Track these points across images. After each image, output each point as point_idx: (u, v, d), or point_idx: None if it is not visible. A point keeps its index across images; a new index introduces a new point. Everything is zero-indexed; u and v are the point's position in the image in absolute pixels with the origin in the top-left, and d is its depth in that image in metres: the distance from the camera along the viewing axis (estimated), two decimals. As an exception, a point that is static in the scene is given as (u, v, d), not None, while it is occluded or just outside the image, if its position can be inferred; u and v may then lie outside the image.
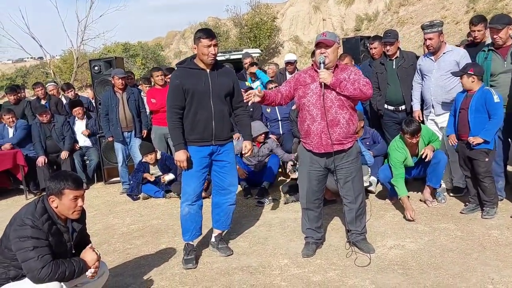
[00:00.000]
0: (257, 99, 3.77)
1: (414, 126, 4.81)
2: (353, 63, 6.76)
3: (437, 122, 5.27)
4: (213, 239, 4.36)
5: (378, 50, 6.31)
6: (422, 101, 5.44)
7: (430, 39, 5.06)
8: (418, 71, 5.36)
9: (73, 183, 2.93)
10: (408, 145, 4.97)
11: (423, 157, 4.93)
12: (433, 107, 5.23)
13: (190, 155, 4.03)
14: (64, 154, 7.42)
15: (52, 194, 2.91)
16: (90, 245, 3.14)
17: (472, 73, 4.54)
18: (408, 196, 4.87)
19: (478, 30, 5.31)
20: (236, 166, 4.37)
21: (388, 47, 5.60)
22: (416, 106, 5.45)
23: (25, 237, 2.73)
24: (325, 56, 3.69)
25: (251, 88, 7.12)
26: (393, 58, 5.65)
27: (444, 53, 5.11)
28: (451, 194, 5.31)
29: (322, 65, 3.68)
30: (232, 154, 4.27)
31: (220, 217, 4.30)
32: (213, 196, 4.37)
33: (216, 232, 4.36)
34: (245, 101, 3.90)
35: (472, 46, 5.50)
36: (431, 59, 5.17)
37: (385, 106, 5.77)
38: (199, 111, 3.99)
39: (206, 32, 3.97)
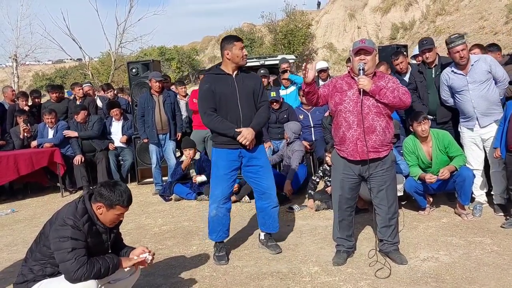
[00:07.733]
0: (311, 74, 3.68)
1: (417, 113, 4.98)
2: (389, 71, 6.67)
3: (481, 133, 5.02)
4: (262, 237, 4.45)
5: (404, 64, 6.25)
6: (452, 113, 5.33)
7: (464, 50, 4.83)
8: (446, 88, 5.12)
9: (127, 202, 2.99)
10: (420, 137, 4.99)
11: (440, 177, 4.86)
12: (477, 120, 4.98)
13: (217, 158, 4.16)
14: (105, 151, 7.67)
15: (102, 202, 2.95)
16: (141, 249, 3.21)
17: None
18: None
19: None
20: (271, 169, 4.44)
21: (427, 54, 5.41)
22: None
23: (65, 237, 2.79)
24: (364, 63, 3.68)
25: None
26: (432, 67, 5.46)
27: (472, 64, 4.89)
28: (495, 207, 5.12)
29: (361, 71, 3.67)
30: (264, 158, 4.33)
31: (265, 221, 4.37)
32: (256, 201, 4.43)
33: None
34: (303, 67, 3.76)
35: None
36: (462, 74, 4.94)
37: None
38: (228, 114, 4.10)
39: (236, 37, 4.20)
